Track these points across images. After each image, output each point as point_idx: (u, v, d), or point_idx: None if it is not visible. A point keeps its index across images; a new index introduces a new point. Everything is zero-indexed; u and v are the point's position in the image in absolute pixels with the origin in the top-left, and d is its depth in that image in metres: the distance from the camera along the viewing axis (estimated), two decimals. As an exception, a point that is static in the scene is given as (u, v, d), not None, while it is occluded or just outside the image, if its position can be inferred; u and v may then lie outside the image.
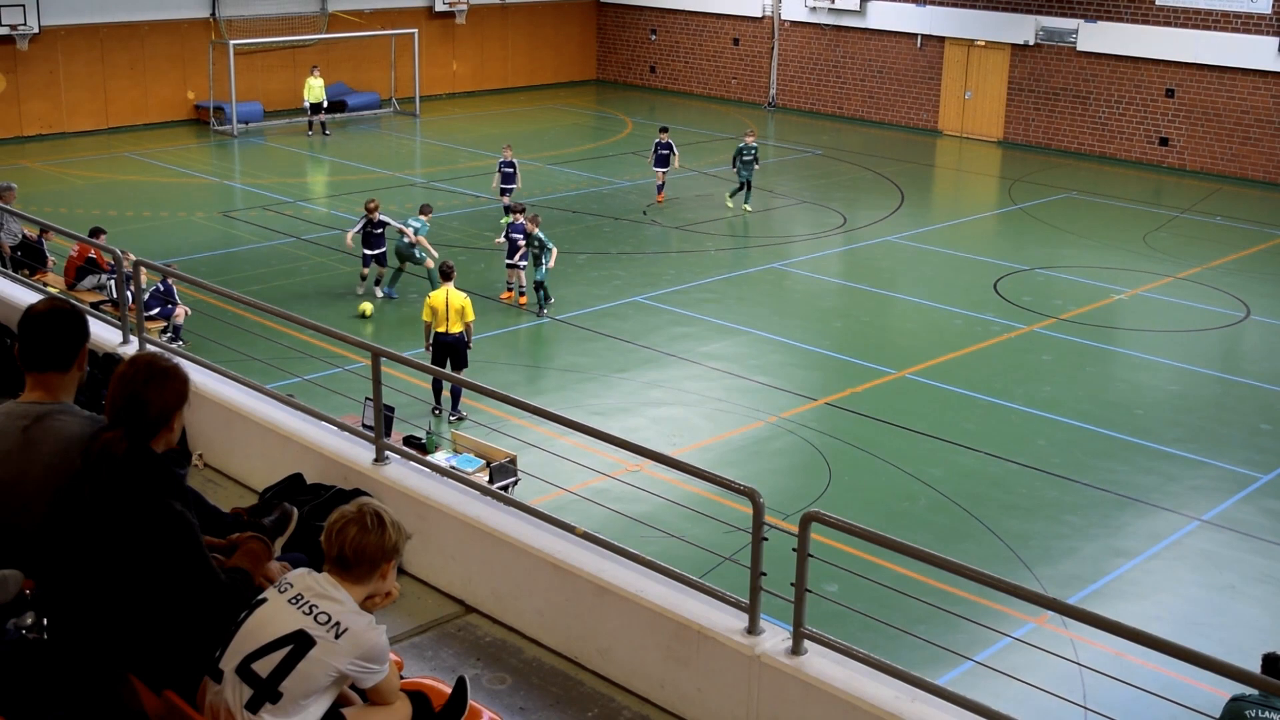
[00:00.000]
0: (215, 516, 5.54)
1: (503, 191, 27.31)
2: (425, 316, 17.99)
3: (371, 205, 22.86)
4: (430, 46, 42.11)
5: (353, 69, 40.76)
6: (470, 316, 17.84)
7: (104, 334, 9.94)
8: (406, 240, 22.51)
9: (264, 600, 4.61)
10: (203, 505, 5.34)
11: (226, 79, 36.57)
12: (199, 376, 8.75)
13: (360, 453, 7.92)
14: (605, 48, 47.42)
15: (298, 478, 7.84)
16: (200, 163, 33.83)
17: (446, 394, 17.77)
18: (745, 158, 29.01)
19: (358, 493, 7.40)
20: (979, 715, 5.49)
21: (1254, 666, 9.31)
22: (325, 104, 37.09)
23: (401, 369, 16.05)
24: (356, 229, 22.80)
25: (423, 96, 40.84)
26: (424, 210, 23.09)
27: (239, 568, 5.10)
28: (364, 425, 9.65)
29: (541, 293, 21.82)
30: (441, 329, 17.69)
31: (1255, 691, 9.17)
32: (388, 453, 7.83)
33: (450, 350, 17.74)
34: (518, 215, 22.45)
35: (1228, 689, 9.91)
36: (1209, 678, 8.61)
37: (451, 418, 17.43)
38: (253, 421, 8.54)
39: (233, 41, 36.95)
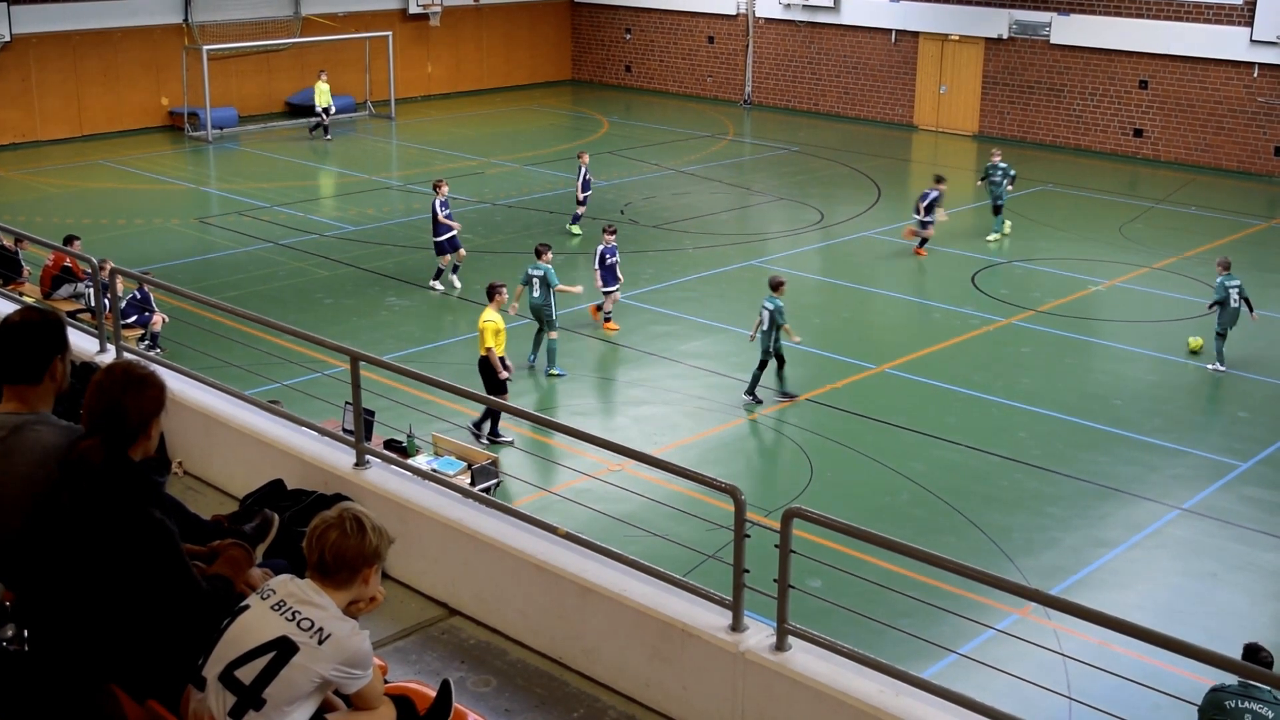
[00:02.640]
0: (195, 524, 5.52)
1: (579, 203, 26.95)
2: None
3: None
4: (405, 49, 42.02)
5: (327, 72, 40.61)
6: (487, 342, 17.07)
7: (81, 343, 9.89)
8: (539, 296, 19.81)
9: (246, 607, 4.59)
10: (182, 513, 5.32)
11: (200, 84, 36.46)
12: (177, 383, 8.71)
13: (340, 457, 7.90)
14: (580, 48, 47.38)
15: (278, 484, 7.81)
16: (175, 169, 33.71)
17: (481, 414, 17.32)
18: (994, 177, 27.21)
19: (339, 498, 7.37)
20: (963, 708, 5.50)
21: (1235, 653, 9.35)
22: (333, 108, 36.97)
23: (381, 373, 16.04)
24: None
25: (398, 99, 40.74)
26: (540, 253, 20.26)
27: (220, 575, 5.08)
28: (344, 430, 9.64)
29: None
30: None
31: (1236, 681, 9.22)
32: (368, 457, 7.81)
33: (480, 370, 17.41)
34: (610, 236, 21.58)
35: (1211, 676, 9.96)
36: (1191, 665, 8.64)
37: (484, 440, 17.02)
38: (232, 428, 8.50)
39: (206, 47, 36.84)
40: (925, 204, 25.92)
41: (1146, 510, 15.70)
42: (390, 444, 14.25)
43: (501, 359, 17.17)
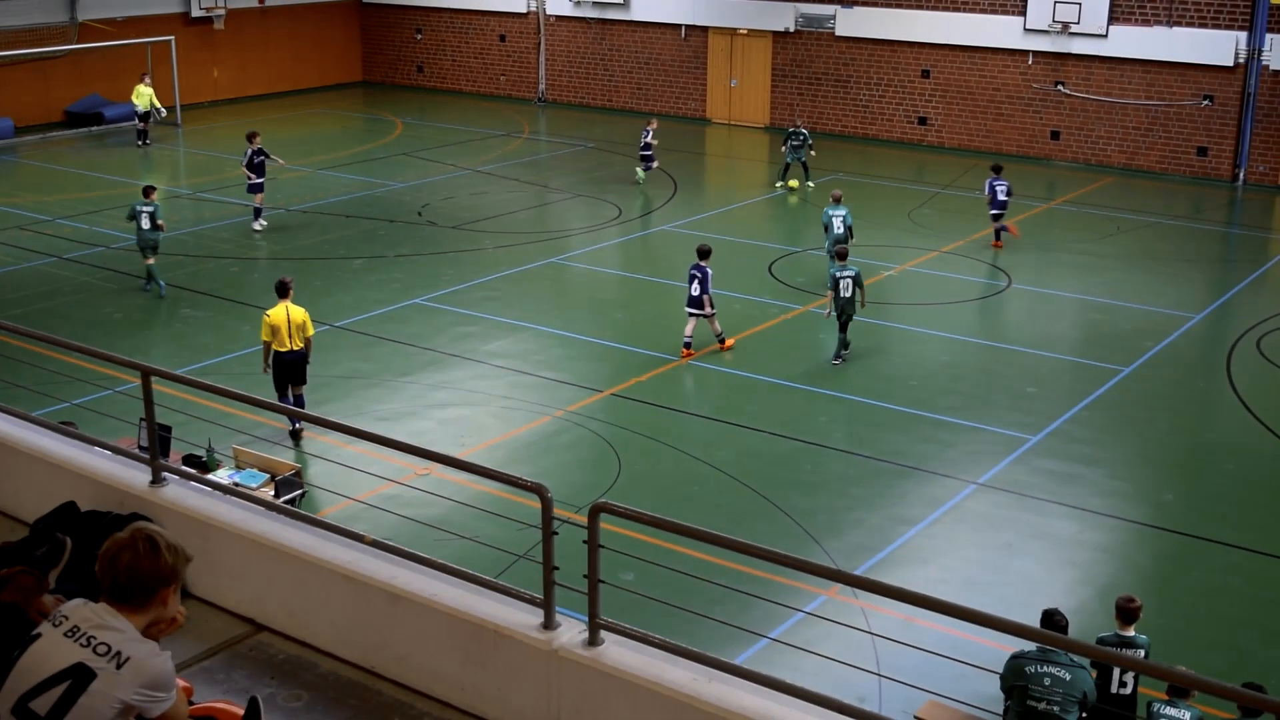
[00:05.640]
0: (-19, 553, 5.31)
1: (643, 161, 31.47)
2: (265, 336, 17.16)
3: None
4: (189, 53, 40.92)
5: (108, 80, 39.38)
6: (310, 331, 17.28)
7: None
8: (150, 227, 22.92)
9: (38, 636, 4.44)
10: (-33, 542, 5.12)
11: (-29, 95, 34.97)
12: (-43, 408, 8.36)
13: (136, 476, 7.66)
14: (370, 48, 46.81)
15: (70, 506, 7.55)
16: (-52, 184, 32.31)
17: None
18: (794, 142, 31.26)
19: (135, 517, 7.16)
20: (775, 690, 5.59)
21: (1033, 620, 9.72)
22: (158, 111, 35.74)
23: (178, 386, 15.66)
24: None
25: (184, 105, 39.66)
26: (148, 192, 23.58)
27: (9, 603, 4.90)
28: (140, 447, 9.37)
29: None
30: (283, 348, 17.03)
31: (1034, 646, 9.58)
32: (165, 474, 7.60)
33: (290, 368, 17.19)
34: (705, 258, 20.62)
35: (1011, 644, 10.33)
36: (992, 635, 8.94)
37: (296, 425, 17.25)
38: (19, 451, 8.18)
39: (-24, 56, 35.37)
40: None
41: (944, 486, 16.18)
42: (190, 459, 13.90)
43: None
